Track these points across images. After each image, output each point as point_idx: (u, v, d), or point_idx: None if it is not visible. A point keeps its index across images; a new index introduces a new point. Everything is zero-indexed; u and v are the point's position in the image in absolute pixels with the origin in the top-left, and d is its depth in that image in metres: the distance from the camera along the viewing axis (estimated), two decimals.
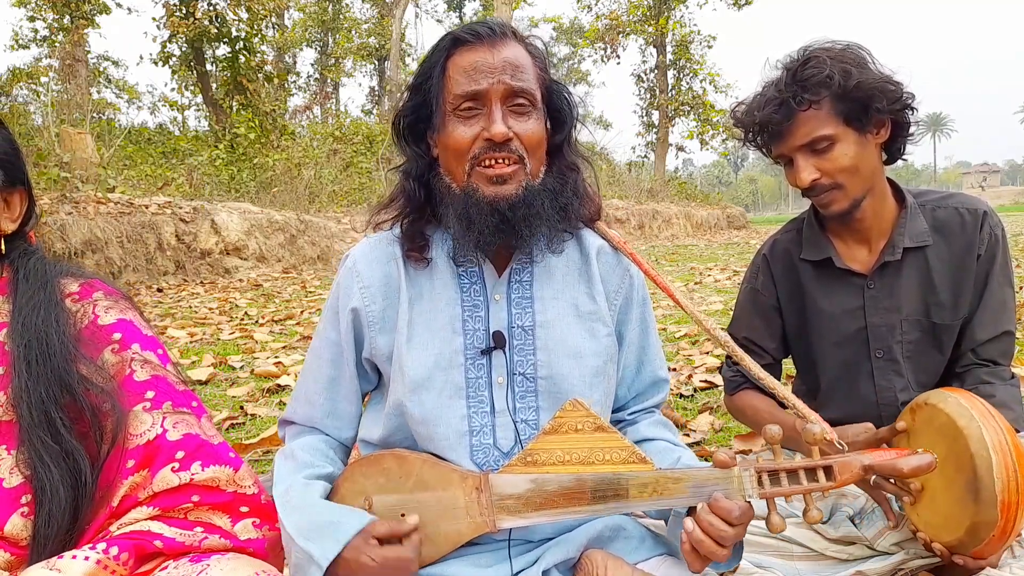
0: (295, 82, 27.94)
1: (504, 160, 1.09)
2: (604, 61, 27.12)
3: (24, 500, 0.96)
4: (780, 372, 1.72)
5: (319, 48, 30.96)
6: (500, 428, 1.14)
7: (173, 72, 17.53)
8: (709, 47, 26.14)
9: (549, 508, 1.04)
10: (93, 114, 14.78)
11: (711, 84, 25.81)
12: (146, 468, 0.98)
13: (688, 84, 26.39)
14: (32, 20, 18.82)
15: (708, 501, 0.97)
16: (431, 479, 1.10)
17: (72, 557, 0.88)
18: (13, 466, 0.97)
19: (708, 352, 3.93)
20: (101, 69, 23.09)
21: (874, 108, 1.38)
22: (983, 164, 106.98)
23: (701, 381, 3.35)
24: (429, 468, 1.11)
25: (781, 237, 1.66)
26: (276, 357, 4.17)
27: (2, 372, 1.00)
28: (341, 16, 29.55)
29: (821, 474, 0.97)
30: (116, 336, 1.05)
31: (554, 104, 1.18)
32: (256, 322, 5.55)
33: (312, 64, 31.87)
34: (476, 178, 1.10)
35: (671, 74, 26.62)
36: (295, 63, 29.73)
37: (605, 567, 1.05)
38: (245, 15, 16.03)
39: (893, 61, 1.50)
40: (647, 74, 27.13)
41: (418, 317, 1.17)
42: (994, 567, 1.23)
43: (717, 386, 3.28)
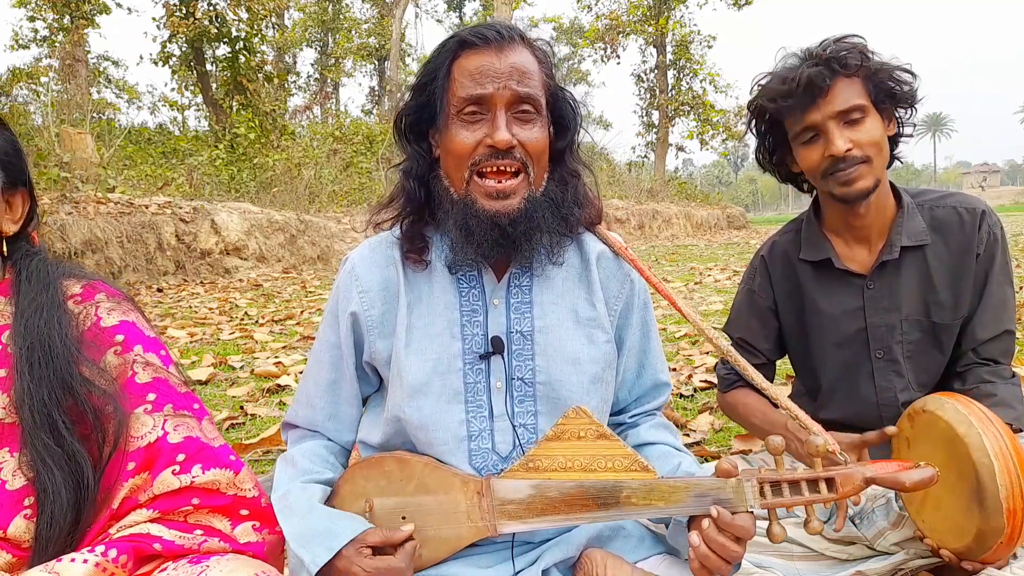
0: (295, 82, 27.95)
1: (506, 168, 1.08)
2: (604, 61, 27.11)
3: (27, 502, 0.96)
4: (774, 372, 1.73)
5: (319, 48, 30.93)
6: (499, 432, 1.14)
7: (173, 72, 17.53)
8: (709, 47, 26.16)
9: (550, 514, 1.04)
10: (93, 114, 14.77)
11: (711, 84, 25.83)
12: (147, 470, 0.98)
13: (688, 84, 26.39)
14: (32, 20, 18.82)
15: (717, 519, 0.96)
16: (432, 483, 1.10)
17: (71, 560, 0.88)
18: (16, 468, 0.97)
19: (708, 352, 3.93)
20: (101, 69, 23.07)
21: (896, 95, 1.42)
22: (983, 164, 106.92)
23: (701, 381, 3.35)
24: (431, 472, 1.11)
25: (780, 239, 1.66)
26: (276, 357, 4.17)
27: (4, 374, 1.00)
28: (341, 16, 29.53)
29: (823, 486, 0.97)
30: (119, 338, 1.04)
31: (558, 110, 1.17)
32: (256, 322, 5.55)
33: (312, 64, 31.87)
34: (474, 189, 1.09)
35: (671, 74, 26.62)
36: (295, 63, 29.73)
37: (605, 566, 1.05)
38: (245, 15, 16.03)
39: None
40: (647, 74, 27.13)
41: (417, 322, 1.16)
42: (1001, 568, 1.23)
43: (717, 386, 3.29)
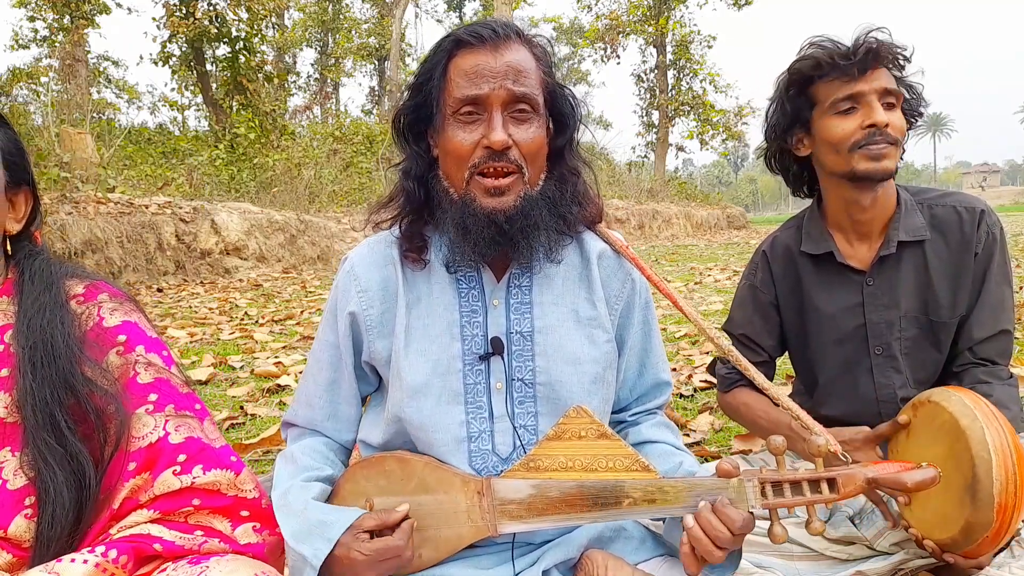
0: (295, 82, 27.95)
1: (502, 169, 1.07)
2: (604, 61, 27.12)
3: (28, 502, 0.96)
4: (774, 370, 1.73)
5: (319, 48, 30.94)
6: (499, 434, 1.13)
7: (173, 72, 17.53)
8: (709, 47, 26.15)
9: (551, 514, 1.03)
10: (93, 114, 14.77)
11: (711, 84, 25.83)
12: (147, 471, 0.98)
13: (688, 84, 26.39)
14: (32, 20, 18.80)
15: (714, 505, 0.97)
16: (433, 482, 1.10)
17: (71, 560, 0.88)
18: (17, 468, 0.97)
19: (708, 352, 3.93)
20: (101, 69, 23.07)
21: (911, 103, 1.48)
22: (983, 164, 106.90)
23: (701, 381, 3.35)
24: (431, 471, 1.11)
25: (781, 234, 1.66)
26: (276, 357, 4.17)
27: (7, 374, 1.00)
28: (341, 16, 29.53)
29: (825, 486, 0.96)
30: (121, 338, 1.05)
31: (557, 107, 1.16)
32: (256, 322, 5.55)
33: (312, 64, 31.88)
34: (474, 187, 1.08)
35: (671, 74, 26.61)
36: (295, 63, 29.73)
37: (606, 567, 1.05)
38: (245, 15, 16.02)
39: None
40: (647, 74, 27.13)
41: (416, 322, 1.16)
42: (983, 567, 1.23)
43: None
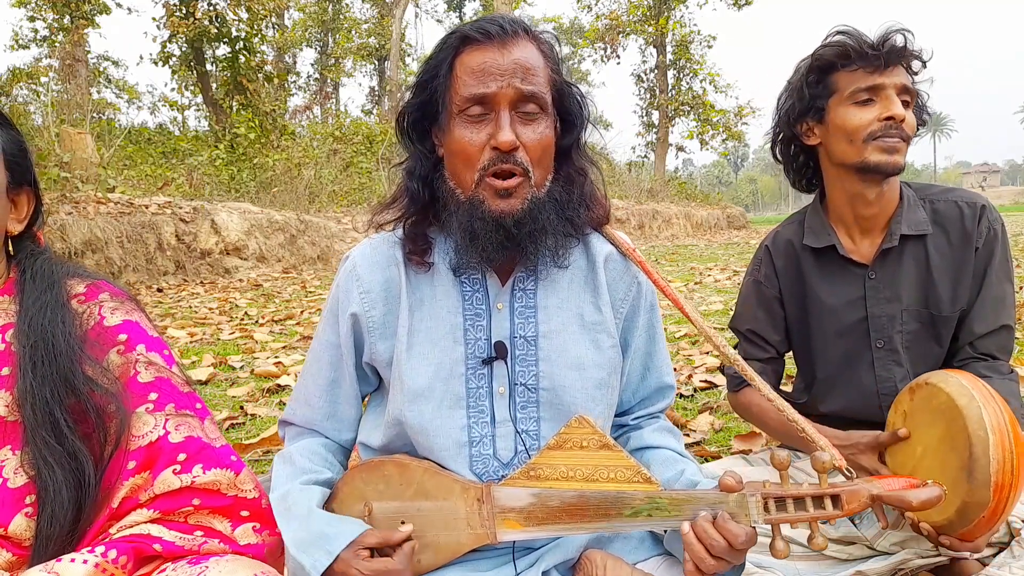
0: (295, 82, 27.95)
1: (508, 170, 1.05)
2: (604, 61, 27.12)
3: (28, 500, 0.96)
4: (783, 367, 1.73)
5: (319, 48, 30.94)
6: (500, 438, 1.12)
7: (173, 72, 17.53)
8: (709, 47, 26.16)
9: (551, 523, 1.02)
10: (93, 114, 14.77)
11: (711, 84, 25.83)
12: (147, 470, 0.98)
13: (688, 84, 26.39)
14: (32, 20, 18.82)
15: (716, 520, 0.95)
16: (432, 488, 1.09)
17: (71, 560, 0.88)
18: (18, 466, 0.97)
19: (708, 352, 3.93)
20: (101, 69, 23.08)
21: (922, 103, 1.52)
22: (983, 164, 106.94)
23: (701, 381, 3.35)
24: (431, 477, 1.10)
25: (783, 229, 1.67)
26: (276, 357, 4.17)
27: (7, 372, 1.00)
28: (341, 16, 29.54)
29: (828, 502, 0.95)
30: (122, 337, 1.05)
31: (564, 106, 1.13)
32: (256, 322, 5.55)
33: (312, 64, 31.88)
34: (484, 189, 1.06)
35: (671, 74, 26.61)
36: (295, 63, 29.72)
37: (604, 567, 1.05)
38: (245, 15, 16.02)
39: None
40: (647, 74, 27.13)
41: (418, 325, 1.13)
42: (979, 551, 1.22)
43: (717, 386, 3.29)
